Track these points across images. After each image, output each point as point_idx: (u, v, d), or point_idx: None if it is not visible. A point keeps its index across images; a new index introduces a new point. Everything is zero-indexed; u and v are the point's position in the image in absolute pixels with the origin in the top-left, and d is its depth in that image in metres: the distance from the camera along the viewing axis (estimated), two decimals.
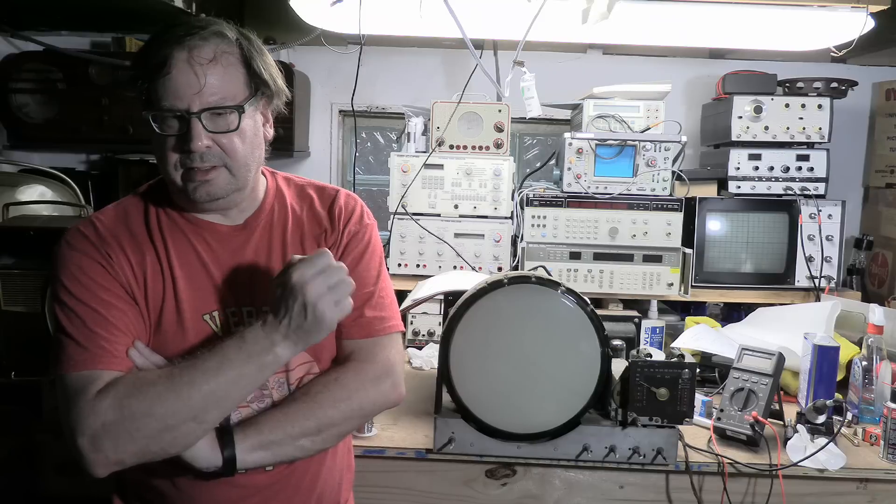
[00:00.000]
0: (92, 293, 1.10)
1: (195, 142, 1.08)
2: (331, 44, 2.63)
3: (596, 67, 2.86)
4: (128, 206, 1.21)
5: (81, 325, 1.08)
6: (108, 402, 1.02)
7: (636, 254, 2.34)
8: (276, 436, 1.11)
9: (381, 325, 1.24)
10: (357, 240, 1.26)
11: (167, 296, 1.15)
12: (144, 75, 1.08)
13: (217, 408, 1.06)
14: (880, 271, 2.73)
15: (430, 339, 2.38)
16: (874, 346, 1.85)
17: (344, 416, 1.16)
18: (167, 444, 1.04)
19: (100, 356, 1.07)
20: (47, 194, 2.29)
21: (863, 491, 1.61)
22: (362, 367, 1.20)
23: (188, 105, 1.07)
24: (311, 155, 2.95)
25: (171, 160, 1.11)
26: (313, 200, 1.28)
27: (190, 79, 1.07)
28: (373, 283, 1.25)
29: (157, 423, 1.02)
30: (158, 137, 1.10)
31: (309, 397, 1.15)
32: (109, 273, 1.12)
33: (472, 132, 2.41)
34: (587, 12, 1.96)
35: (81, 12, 2.46)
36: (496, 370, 1.49)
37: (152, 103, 1.08)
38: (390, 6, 2.01)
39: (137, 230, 1.17)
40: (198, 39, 1.08)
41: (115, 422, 1.02)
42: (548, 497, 1.63)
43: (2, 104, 2.51)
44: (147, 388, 1.04)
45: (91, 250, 1.13)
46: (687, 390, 1.52)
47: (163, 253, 1.16)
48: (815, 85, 2.49)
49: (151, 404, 1.02)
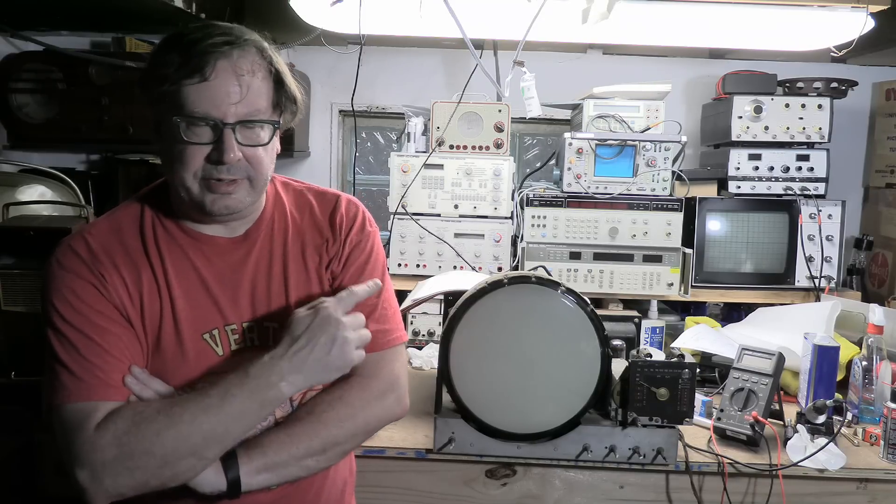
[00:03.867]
0: (84, 318, 1.06)
1: (228, 153, 1.05)
2: (331, 44, 2.62)
3: (596, 67, 2.86)
4: (121, 217, 1.16)
5: (75, 353, 1.05)
6: (106, 439, 1.00)
7: (636, 254, 2.34)
8: (280, 457, 1.09)
9: (385, 339, 1.21)
10: (359, 250, 1.23)
11: (165, 315, 1.11)
12: (177, 77, 1.03)
13: (218, 444, 1.04)
14: (880, 271, 2.73)
15: (430, 339, 2.38)
16: (874, 346, 1.85)
17: (349, 434, 1.14)
18: (167, 480, 1.03)
19: (95, 387, 1.04)
20: (47, 194, 2.28)
21: (863, 491, 1.62)
22: (367, 384, 1.17)
23: (223, 115, 1.05)
24: (311, 155, 2.95)
25: (192, 168, 1.06)
26: (313, 207, 1.24)
27: (230, 88, 1.04)
28: (376, 294, 1.20)
29: (156, 461, 1.00)
30: (180, 144, 1.06)
31: (314, 416, 1.12)
32: (103, 295, 1.08)
33: (472, 132, 2.41)
34: (587, 12, 1.96)
35: (81, 12, 2.46)
36: (496, 370, 1.49)
37: (180, 108, 1.04)
38: (390, 6, 2.01)
39: (132, 244, 1.13)
40: (241, 49, 1.06)
41: (115, 459, 1.00)
42: (548, 497, 1.63)
43: (2, 104, 2.51)
44: (146, 425, 1.02)
45: (83, 271, 1.08)
46: (687, 390, 1.52)
47: (160, 270, 1.12)
48: (815, 85, 2.49)
49: (151, 442, 1.00)
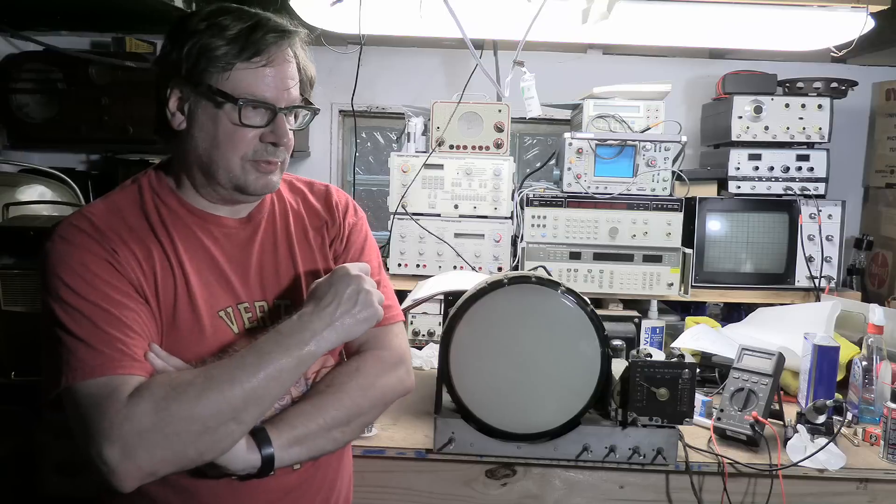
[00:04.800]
0: (101, 292, 1.01)
1: (285, 137, 1.11)
2: (331, 44, 2.62)
3: (596, 67, 2.86)
4: (118, 199, 1.13)
5: (92, 327, 0.99)
6: (144, 405, 0.95)
7: (636, 254, 2.34)
8: (309, 429, 1.08)
9: (390, 314, 1.24)
10: (357, 231, 1.29)
11: (179, 292, 1.09)
12: (235, 59, 1.05)
13: (257, 406, 1.01)
14: (880, 271, 2.73)
15: (430, 339, 2.38)
16: (874, 346, 1.85)
17: (371, 403, 1.16)
18: (205, 448, 0.98)
19: (119, 360, 0.98)
20: (47, 194, 2.29)
21: (863, 491, 1.61)
22: (380, 355, 1.20)
23: (279, 99, 1.09)
24: (312, 155, 2.95)
25: (241, 150, 1.09)
26: (306, 194, 1.29)
27: (288, 72, 1.10)
28: (377, 272, 1.25)
29: (197, 426, 0.96)
30: (232, 125, 1.07)
31: (335, 387, 1.13)
32: (117, 270, 1.04)
33: (472, 132, 2.41)
34: (587, 12, 1.96)
35: (81, 12, 2.46)
36: (496, 370, 1.49)
37: (238, 90, 1.06)
38: (390, 6, 2.01)
39: (136, 223, 1.10)
40: (292, 37, 1.11)
41: (153, 427, 0.94)
42: (548, 497, 1.63)
43: (2, 104, 2.51)
44: (187, 388, 0.97)
45: (93, 245, 1.04)
46: (687, 390, 1.52)
47: (170, 247, 1.10)
48: (815, 85, 2.49)
49: (192, 405, 0.96)
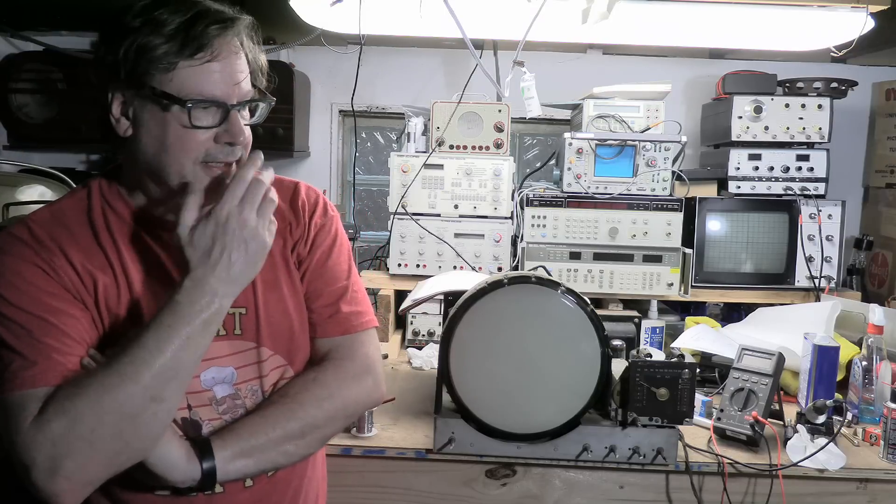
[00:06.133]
0: (36, 300, 0.96)
1: (241, 136, 1.02)
2: (331, 44, 2.63)
3: (596, 67, 2.86)
4: (64, 206, 1.07)
5: (26, 336, 0.94)
6: (50, 412, 0.89)
7: (636, 254, 2.34)
8: (258, 441, 1.03)
9: (358, 321, 1.17)
10: (324, 232, 1.18)
11: (122, 301, 1.03)
12: (176, 57, 0.96)
13: (174, 379, 0.94)
14: (880, 271, 2.73)
15: (430, 339, 2.38)
16: (874, 346, 1.85)
17: (328, 416, 1.09)
18: (131, 437, 0.91)
19: (52, 369, 0.93)
20: (47, 194, 2.28)
21: (863, 491, 1.61)
22: (342, 365, 1.13)
23: (229, 95, 1.00)
24: (311, 155, 2.96)
25: (194, 153, 1.00)
26: None
27: (236, 65, 1.01)
28: (345, 276, 1.18)
29: (112, 417, 0.89)
30: (181, 128, 0.98)
31: (288, 398, 1.08)
32: (52, 277, 0.98)
33: (472, 132, 2.41)
34: (587, 12, 1.96)
35: (81, 12, 2.46)
36: (496, 370, 1.49)
37: (183, 90, 0.96)
38: (390, 6, 2.01)
39: (80, 231, 1.04)
40: (237, 23, 1.01)
41: (66, 432, 0.88)
42: (548, 497, 1.63)
43: (2, 104, 2.52)
44: (87, 380, 0.91)
45: (28, 253, 0.99)
46: (687, 390, 1.52)
47: (114, 255, 1.04)
48: (815, 85, 2.49)
49: (99, 397, 0.89)
